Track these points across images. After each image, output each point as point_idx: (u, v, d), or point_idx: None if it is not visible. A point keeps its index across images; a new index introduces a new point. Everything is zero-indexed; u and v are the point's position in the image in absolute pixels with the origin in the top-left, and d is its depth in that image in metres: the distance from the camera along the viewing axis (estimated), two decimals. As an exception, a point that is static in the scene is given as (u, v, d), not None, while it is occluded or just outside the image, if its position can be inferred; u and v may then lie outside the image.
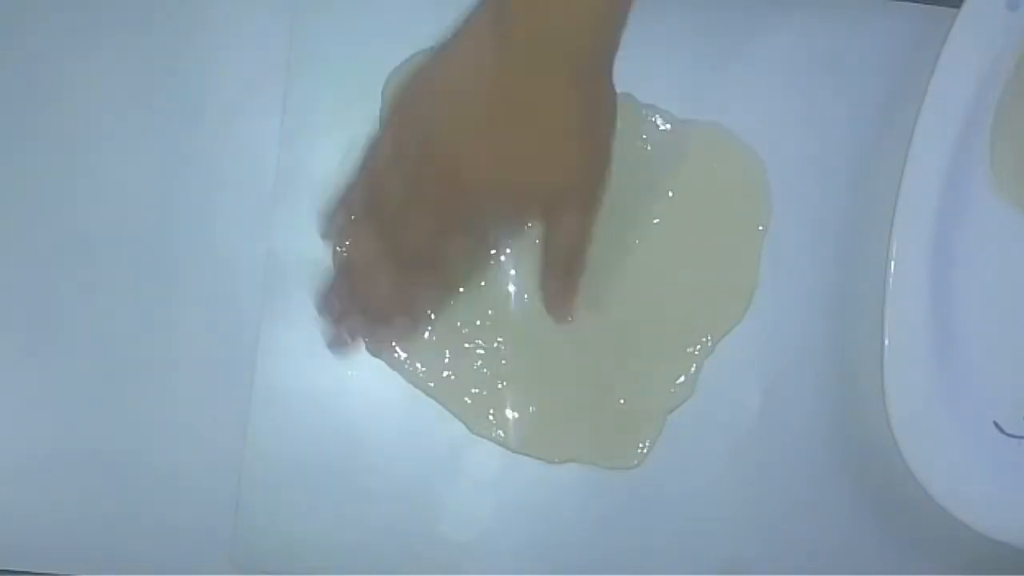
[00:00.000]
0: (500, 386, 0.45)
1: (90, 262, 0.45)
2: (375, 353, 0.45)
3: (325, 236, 0.44)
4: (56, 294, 0.45)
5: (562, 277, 0.43)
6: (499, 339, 0.45)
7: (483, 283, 0.45)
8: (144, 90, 0.45)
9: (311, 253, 0.45)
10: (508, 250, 0.45)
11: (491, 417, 0.45)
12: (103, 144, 0.45)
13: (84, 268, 0.45)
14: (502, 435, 0.45)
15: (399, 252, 0.41)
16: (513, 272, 0.45)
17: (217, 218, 0.45)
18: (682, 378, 0.45)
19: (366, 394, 0.45)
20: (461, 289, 0.44)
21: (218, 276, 0.45)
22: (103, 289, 0.45)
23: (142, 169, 0.45)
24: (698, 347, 0.46)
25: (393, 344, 0.45)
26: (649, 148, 0.46)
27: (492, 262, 0.45)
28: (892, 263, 0.44)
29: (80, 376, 0.44)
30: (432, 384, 0.45)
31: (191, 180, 0.45)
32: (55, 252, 0.45)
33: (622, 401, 0.45)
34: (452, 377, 0.45)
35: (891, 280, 0.44)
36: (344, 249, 0.44)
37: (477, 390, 0.45)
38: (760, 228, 0.46)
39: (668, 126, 0.46)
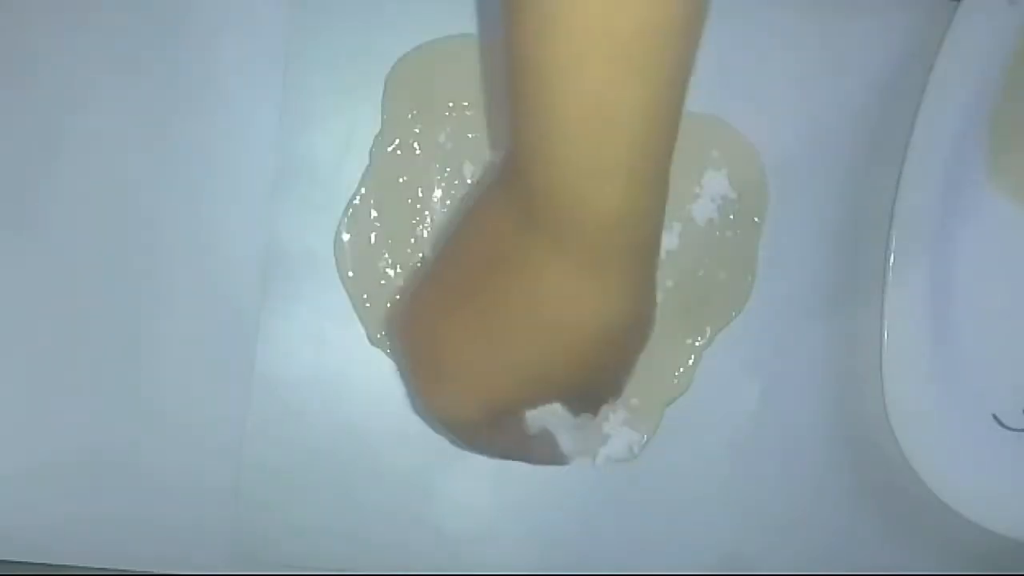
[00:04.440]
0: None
1: (87, 254, 0.45)
2: (375, 343, 0.45)
3: None
4: (51, 286, 0.45)
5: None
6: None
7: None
8: (140, 78, 0.45)
9: (311, 243, 0.45)
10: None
11: (490, 409, 0.45)
12: (98, 134, 0.45)
13: (81, 260, 0.45)
14: (501, 427, 0.45)
15: None
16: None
17: (216, 208, 0.45)
18: (680, 370, 0.46)
19: (366, 387, 0.45)
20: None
21: (217, 267, 0.45)
22: (100, 280, 0.45)
23: (138, 158, 0.45)
24: (697, 339, 0.46)
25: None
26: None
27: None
28: (891, 256, 0.44)
29: (77, 368, 0.44)
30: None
31: (188, 170, 0.45)
32: (50, 245, 0.45)
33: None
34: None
35: (890, 273, 0.44)
36: None
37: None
38: (756, 220, 0.46)
39: (667, 118, 0.46)
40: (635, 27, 0.26)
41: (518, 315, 0.32)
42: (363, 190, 0.45)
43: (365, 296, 0.45)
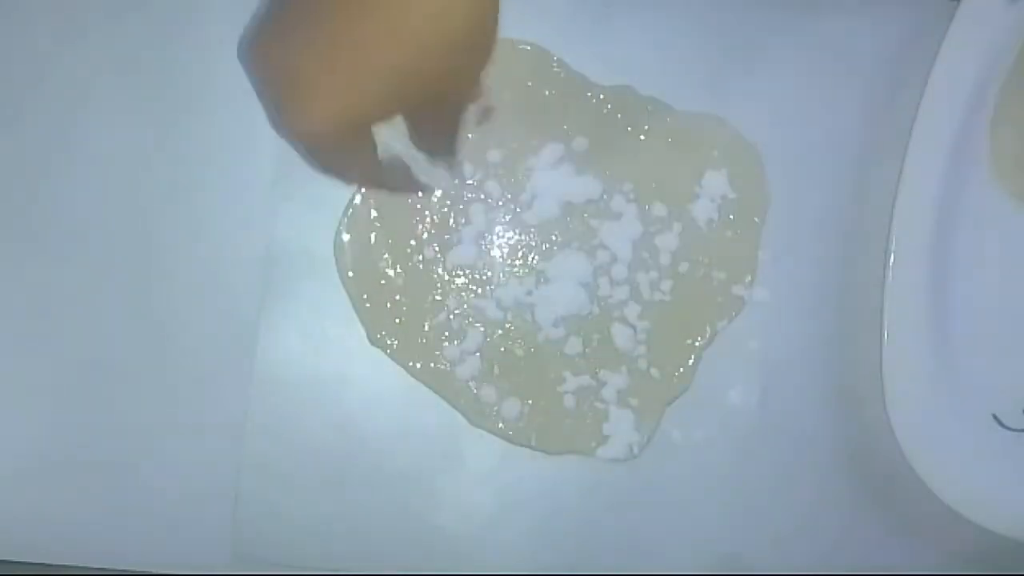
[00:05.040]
0: (499, 377, 0.45)
1: (86, 253, 0.45)
2: (375, 343, 0.45)
3: None
4: (53, 287, 0.45)
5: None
6: (498, 331, 0.45)
7: (489, 273, 0.45)
8: (140, 79, 0.45)
9: (311, 242, 0.45)
10: (506, 249, 0.46)
11: (490, 409, 0.45)
12: (98, 134, 0.45)
13: (81, 259, 0.45)
14: (501, 427, 0.45)
15: None
16: (515, 264, 0.46)
17: (216, 208, 0.45)
18: (680, 370, 0.46)
19: (366, 385, 0.45)
20: None
21: (217, 266, 0.45)
22: (101, 280, 0.45)
23: (138, 158, 0.45)
24: (697, 339, 0.46)
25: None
26: (647, 139, 0.46)
27: (497, 255, 0.45)
28: (891, 255, 0.44)
29: (79, 368, 0.45)
30: (431, 375, 0.45)
31: (188, 170, 0.45)
32: (51, 244, 0.45)
33: (620, 392, 0.45)
34: (451, 368, 0.45)
35: (890, 272, 0.44)
36: None
37: (476, 382, 0.45)
38: (756, 220, 0.46)
39: (666, 118, 0.46)
40: None
41: (371, 22, 0.33)
42: (363, 190, 0.45)
43: (365, 296, 0.45)
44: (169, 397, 0.45)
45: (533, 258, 0.46)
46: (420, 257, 0.45)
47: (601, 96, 0.46)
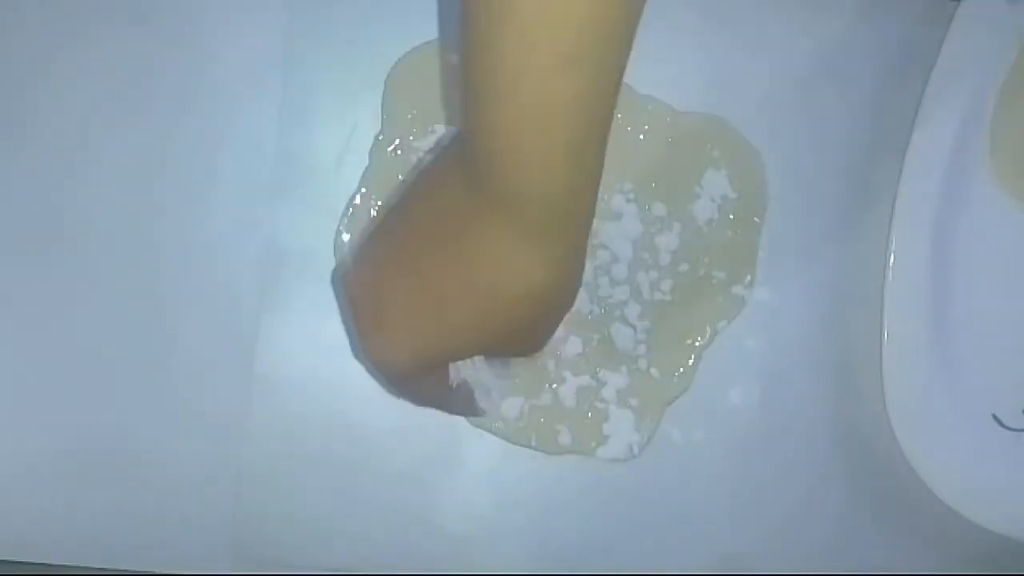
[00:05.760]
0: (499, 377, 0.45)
1: (87, 254, 0.45)
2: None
3: None
4: (53, 287, 0.45)
5: None
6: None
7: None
8: (141, 79, 0.45)
9: (310, 243, 0.45)
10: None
11: (490, 409, 0.45)
12: (99, 134, 0.45)
13: (81, 260, 0.45)
14: (501, 426, 0.45)
15: None
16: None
17: (216, 208, 0.45)
18: (680, 370, 0.46)
19: (366, 385, 0.45)
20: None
21: (217, 267, 0.45)
22: (101, 281, 0.45)
23: (138, 159, 0.45)
24: (697, 338, 0.46)
25: None
26: (647, 139, 0.46)
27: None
28: (891, 255, 0.44)
29: (79, 368, 0.44)
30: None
31: (189, 170, 0.45)
32: (51, 244, 0.45)
33: (620, 392, 0.45)
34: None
35: (890, 272, 0.44)
36: None
37: (476, 381, 0.45)
38: (756, 220, 0.46)
39: (666, 118, 0.46)
40: (576, 23, 0.29)
41: (457, 274, 0.35)
42: (363, 190, 0.45)
43: (365, 296, 0.45)
44: (169, 397, 0.45)
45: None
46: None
47: (601, 96, 0.46)
